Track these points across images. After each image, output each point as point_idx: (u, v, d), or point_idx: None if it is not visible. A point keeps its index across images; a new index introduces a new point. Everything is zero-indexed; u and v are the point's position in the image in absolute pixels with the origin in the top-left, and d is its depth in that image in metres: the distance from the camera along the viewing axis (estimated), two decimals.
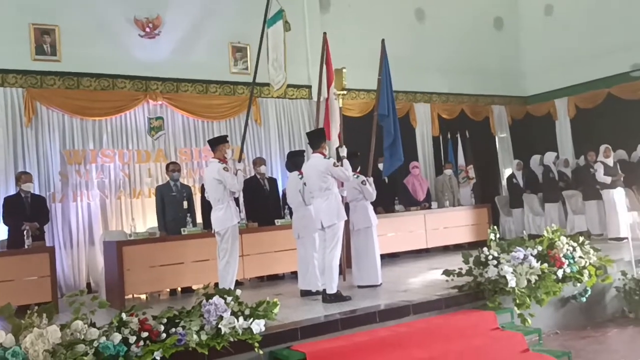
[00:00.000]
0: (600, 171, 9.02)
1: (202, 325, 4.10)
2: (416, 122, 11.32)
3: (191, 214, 7.28)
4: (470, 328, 5.04)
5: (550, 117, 12.63)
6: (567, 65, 11.93)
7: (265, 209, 7.71)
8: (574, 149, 11.98)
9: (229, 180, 5.71)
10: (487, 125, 12.39)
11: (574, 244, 6.10)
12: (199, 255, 6.70)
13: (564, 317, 6.07)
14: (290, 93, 9.90)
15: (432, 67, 11.46)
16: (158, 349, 3.80)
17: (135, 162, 8.52)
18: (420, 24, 11.67)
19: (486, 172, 11.92)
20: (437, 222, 9.30)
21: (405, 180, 10.03)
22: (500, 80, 12.56)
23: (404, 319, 5.02)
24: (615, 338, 5.69)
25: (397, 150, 7.31)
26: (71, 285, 7.79)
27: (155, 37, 8.74)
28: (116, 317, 3.86)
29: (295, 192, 6.44)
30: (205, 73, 9.12)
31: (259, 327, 4.25)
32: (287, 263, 7.16)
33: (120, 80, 8.49)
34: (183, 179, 8.30)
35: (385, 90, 7.24)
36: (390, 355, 4.42)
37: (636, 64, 11.08)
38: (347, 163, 6.01)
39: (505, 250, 5.70)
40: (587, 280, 5.96)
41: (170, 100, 8.80)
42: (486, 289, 5.45)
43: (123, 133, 8.48)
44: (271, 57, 6.85)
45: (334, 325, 4.72)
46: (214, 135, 8.64)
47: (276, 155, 9.60)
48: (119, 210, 8.33)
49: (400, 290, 5.97)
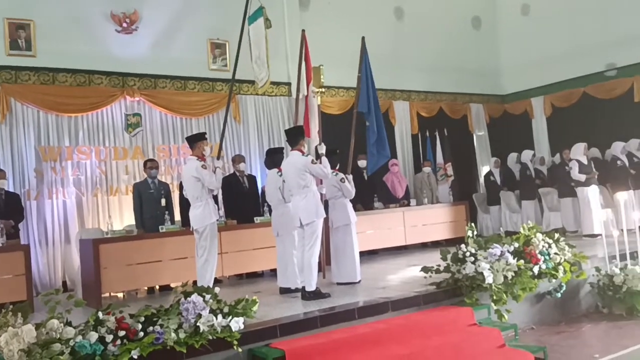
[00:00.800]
0: (575, 169, 9.17)
1: (180, 323, 4.07)
2: (395, 120, 11.37)
3: (169, 212, 7.23)
4: (448, 324, 5.09)
5: (527, 115, 12.80)
6: (543, 64, 12.10)
7: (245, 207, 7.68)
8: (550, 147, 12.17)
9: (207, 177, 5.69)
10: (465, 123, 12.50)
11: (549, 241, 6.19)
12: (177, 253, 6.65)
13: (540, 313, 6.16)
14: (269, 90, 9.85)
15: (411, 66, 11.52)
16: (135, 348, 3.77)
17: (112, 159, 8.41)
18: (399, 22, 11.73)
19: (464, 170, 12.03)
20: (416, 220, 9.36)
21: (384, 177, 10.07)
22: (478, 78, 12.69)
23: (382, 316, 5.06)
24: (589, 333, 5.80)
25: (383, 146, 7.34)
26: (47, 284, 7.67)
27: (133, 33, 8.64)
28: (92, 316, 3.82)
29: (274, 189, 6.42)
30: (184, 69, 9.04)
31: (238, 325, 4.24)
32: (266, 261, 7.15)
33: (97, 76, 8.38)
34: (161, 176, 8.22)
35: (366, 87, 7.25)
36: (369, 352, 4.45)
37: (610, 63, 11.29)
38: (325, 160, 6.01)
39: (483, 247, 5.76)
40: (562, 276, 6.05)
41: (148, 96, 8.71)
42: (464, 286, 5.50)
43: (99, 130, 8.37)
44: (254, 54, 6.83)
45: (313, 322, 4.73)
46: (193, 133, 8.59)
47: (255, 153, 9.56)
48: (95, 208, 8.22)
49: (379, 287, 6.00)
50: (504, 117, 13.17)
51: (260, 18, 6.59)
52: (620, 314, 6.27)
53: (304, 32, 7.28)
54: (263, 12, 6.55)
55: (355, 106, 7.37)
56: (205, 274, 5.70)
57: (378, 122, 7.32)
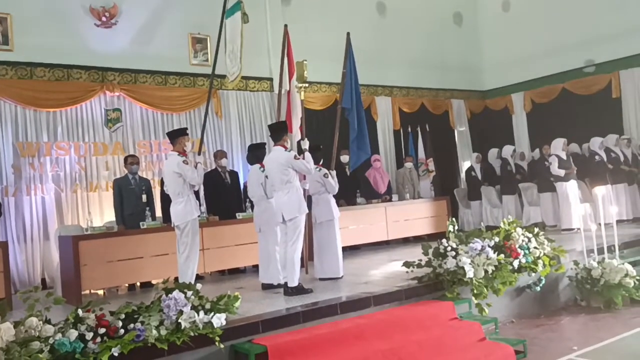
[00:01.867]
0: (554, 164, 9.27)
1: (161, 320, 4.05)
2: (377, 116, 11.40)
3: (150, 208, 7.18)
4: (430, 318, 5.13)
5: (507, 111, 12.92)
6: (523, 60, 12.22)
7: (226, 202, 7.65)
8: (530, 143, 12.31)
9: (188, 173, 5.65)
10: (446, 118, 12.58)
11: (529, 235, 6.27)
12: (158, 249, 6.61)
13: (520, 306, 6.24)
14: (251, 85, 9.82)
15: (393, 61, 11.56)
16: (116, 345, 3.75)
17: (91, 155, 8.31)
18: (381, 18, 11.75)
19: (445, 165, 12.11)
20: (398, 215, 9.41)
21: (366, 173, 10.10)
22: (459, 74, 12.77)
23: (364, 311, 5.08)
24: (568, 326, 5.89)
25: (364, 143, 7.34)
26: (25, 281, 7.56)
27: (112, 27, 8.52)
28: (72, 314, 3.79)
29: (256, 185, 6.41)
30: (165, 64, 8.95)
31: (220, 321, 4.23)
32: (249, 257, 7.13)
33: (76, 70, 8.26)
34: (142, 172, 8.16)
35: (349, 83, 7.23)
36: (351, 347, 4.47)
37: (589, 60, 11.44)
38: (309, 156, 6.01)
39: (464, 241, 5.81)
40: (541, 270, 6.14)
41: (128, 91, 8.61)
42: (445, 280, 5.55)
43: (79, 125, 8.25)
44: (228, 48, 6.80)
45: (296, 318, 4.74)
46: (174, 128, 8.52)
47: (237, 148, 9.51)
48: (74, 204, 8.11)
49: (361, 282, 6.02)
50: (485, 113, 13.29)
51: (238, 12, 6.56)
52: (598, 306, 6.38)
53: (287, 27, 7.26)
54: (241, 6, 6.52)
55: (339, 102, 7.37)
56: (187, 271, 5.67)
57: (360, 119, 7.32)
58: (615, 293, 6.24)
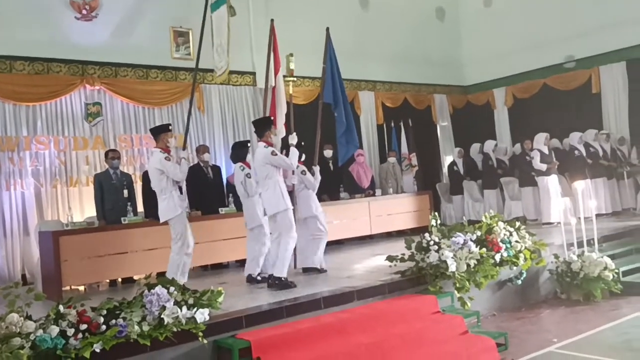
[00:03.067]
0: (536, 158, 9.37)
1: (143, 316, 4.03)
2: (361, 110, 11.42)
3: (132, 203, 7.11)
4: (412, 312, 5.16)
5: (489, 106, 13.03)
6: (505, 55, 12.31)
7: (209, 197, 7.61)
8: (511, 137, 12.42)
9: (171, 169, 5.63)
10: (429, 113, 12.64)
11: (510, 229, 6.33)
12: (140, 245, 6.56)
13: (501, 300, 6.31)
14: (234, 80, 9.77)
15: (376, 56, 11.57)
16: (98, 341, 3.72)
17: (71, 150, 8.21)
18: (364, 12, 11.74)
19: (428, 160, 12.19)
20: (381, 209, 9.45)
21: (350, 168, 10.12)
22: (441, 69, 12.83)
23: (348, 305, 5.09)
24: (548, 318, 5.96)
25: (352, 136, 7.32)
26: (5, 277, 7.48)
27: (92, 20, 8.42)
28: (53, 310, 3.76)
29: (239, 184, 6.46)
30: (146, 58, 8.87)
31: (203, 317, 4.21)
32: (232, 252, 7.12)
33: (56, 64, 8.15)
34: (123, 166, 8.08)
35: (331, 78, 7.21)
36: (334, 341, 4.48)
37: (570, 55, 11.56)
38: (294, 151, 6.00)
39: (446, 235, 5.85)
40: (522, 263, 6.20)
41: (109, 85, 8.52)
42: (427, 274, 5.59)
43: (58, 119, 8.16)
44: (215, 42, 6.74)
45: (279, 312, 4.73)
46: (155, 122, 8.50)
47: (220, 143, 9.47)
48: (54, 199, 8.03)
49: (344, 277, 6.04)
50: (467, 108, 13.38)
51: (224, 5, 6.51)
52: (578, 299, 6.47)
53: (273, 21, 7.21)
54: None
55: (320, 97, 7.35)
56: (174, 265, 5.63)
57: (347, 112, 7.30)
58: (594, 286, 6.33)
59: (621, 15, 10.56)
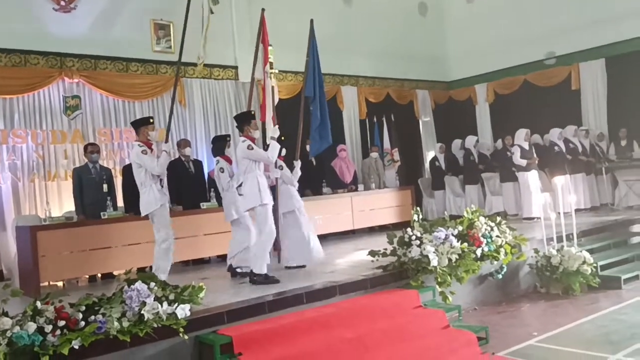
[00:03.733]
0: (517, 154, 9.45)
1: (123, 312, 3.98)
2: (343, 105, 11.40)
3: (111, 198, 7.02)
4: (394, 307, 5.17)
5: (471, 101, 13.11)
6: (486, 52, 12.39)
7: (190, 192, 7.54)
8: (492, 133, 12.51)
9: (148, 163, 5.57)
10: (411, 109, 12.68)
11: (491, 224, 6.37)
12: (120, 240, 6.49)
13: (482, 294, 6.36)
14: (215, 73, 9.69)
15: (359, 51, 11.56)
16: (76, 338, 3.68)
17: (50, 143, 8.07)
18: (347, 7, 11.71)
19: (410, 155, 12.23)
20: (364, 204, 9.46)
21: (332, 163, 10.11)
22: (424, 65, 12.87)
23: (330, 300, 5.09)
24: (528, 312, 6.03)
25: (326, 131, 7.30)
26: None
27: (71, 11, 8.27)
28: (30, 306, 3.70)
29: (216, 178, 6.43)
30: (126, 51, 8.74)
31: (184, 312, 4.18)
32: (213, 247, 7.07)
33: (33, 56, 7.99)
34: (103, 161, 7.97)
35: (312, 71, 7.20)
36: (317, 336, 4.47)
37: (550, 52, 11.67)
38: (274, 145, 5.95)
39: (428, 230, 5.87)
40: (503, 258, 6.25)
41: (88, 78, 8.38)
42: (409, 269, 5.60)
43: (36, 112, 8.01)
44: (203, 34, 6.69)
45: (261, 308, 4.71)
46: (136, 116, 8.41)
47: (201, 137, 9.39)
48: (32, 194, 7.89)
49: (327, 272, 6.03)
50: (449, 104, 13.44)
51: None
52: (557, 293, 6.55)
53: (264, 11, 7.09)
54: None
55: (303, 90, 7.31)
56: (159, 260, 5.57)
57: (322, 107, 7.25)
58: (573, 280, 6.41)
59: (601, 13, 10.69)
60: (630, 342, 4.68)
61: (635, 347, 4.55)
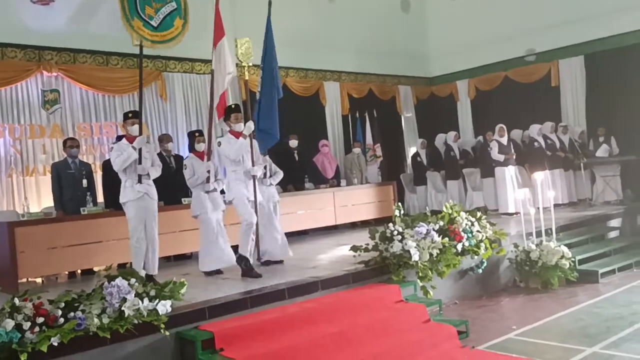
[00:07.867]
0: (494, 149, 9.54)
1: (103, 308, 3.95)
2: (326, 101, 11.39)
3: (91, 193, 6.95)
4: (376, 301, 5.20)
5: (452, 98, 13.19)
6: (468, 48, 12.45)
7: (172, 188, 7.47)
8: (474, 129, 12.61)
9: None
10: (393, 104, 12.71)
11: (472, 219, 6.43)
12: (100, 235, 6.42)
13: (463, 288, 6.42)
14: (197, 68, 9.62)
15: (342, 46, 11.54)
16: (55, 335, 3.64)
17: (27, 138, 7.95)
18: (330, 3, 11.67)
19: (392, 151, 12.27)
20: (346, 200, 9.48)
21: (314, 158, 10.11)
22: (406, 61, 12.90)
23: (312, 295, 5.10)
24: (508, 306, 6.10)
25: (272, 126, 6.81)
26: None
27: (50, 4, 8.11)
28: (8, 303, 3.65)
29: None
30: (106, 44, 8.61)
31: (165, 308, 4.16)
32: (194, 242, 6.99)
33: (11, 49, 7.85)
34: (82, 156, 7.87)
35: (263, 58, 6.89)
36: (299, 331, 4.48)
37: (530, 49, 11.76)
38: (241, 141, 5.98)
39: (409, 225, 5.91)
40: (483, 253, 6.32)
41: (67, 72, 8.26)
42: (391, 263, 5.64)
43: (14, 106, 7.87)
44: None
45: (243, 303, 4.71)
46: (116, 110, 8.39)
47: (183, 132, 9.28)
48: (10, 189, 7.77)
49: (309, 267, 6.04)
50: (431, 99, 13.51)
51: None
52: (536, 287, 6.64)
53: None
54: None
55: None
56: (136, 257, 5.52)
57: (270, 99, 6.78)
58: (552, 274, 6.51)
59: (580, 10, 10.80)
60: (606, 335, 4.78)
61: (611, 340, 4.64)
